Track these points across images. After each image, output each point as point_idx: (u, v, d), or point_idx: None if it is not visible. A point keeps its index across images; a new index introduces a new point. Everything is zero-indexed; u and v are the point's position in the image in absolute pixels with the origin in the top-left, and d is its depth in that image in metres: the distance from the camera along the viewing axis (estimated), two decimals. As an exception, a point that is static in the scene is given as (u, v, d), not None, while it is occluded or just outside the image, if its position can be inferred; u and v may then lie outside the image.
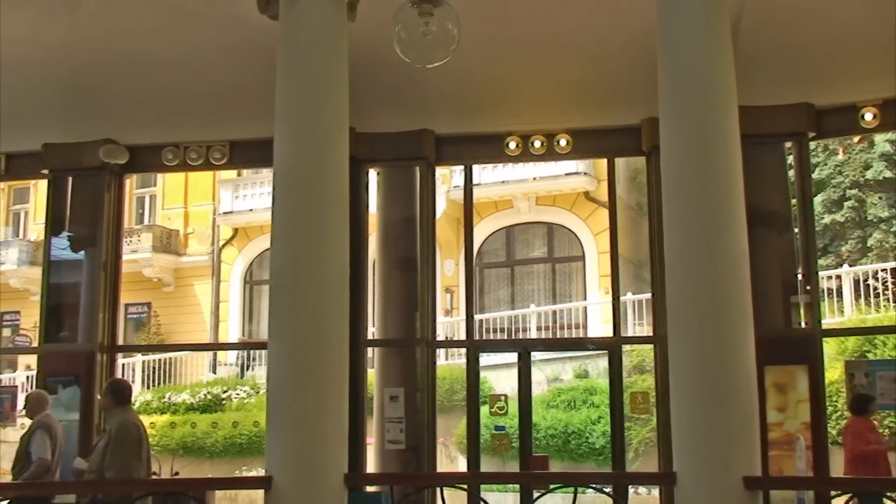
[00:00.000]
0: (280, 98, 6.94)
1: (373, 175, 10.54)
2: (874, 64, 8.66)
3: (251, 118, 8.70)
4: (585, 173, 21.59)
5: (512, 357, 11.17)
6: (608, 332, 11.13)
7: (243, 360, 22.98)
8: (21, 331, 24.33)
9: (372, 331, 10.78)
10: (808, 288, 9.25)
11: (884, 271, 17.97)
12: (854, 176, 21.64)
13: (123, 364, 20.62)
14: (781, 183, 9.55)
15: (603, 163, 12.99)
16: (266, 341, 6.90)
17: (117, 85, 9.76)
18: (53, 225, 10.52)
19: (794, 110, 9.20)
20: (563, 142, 9.95)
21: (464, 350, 10.62)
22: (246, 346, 23.52)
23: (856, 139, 20.38)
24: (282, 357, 6.65)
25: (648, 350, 12.57)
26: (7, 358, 24.18)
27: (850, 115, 9.23)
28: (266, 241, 17.16)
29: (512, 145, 10.00)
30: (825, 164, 21.87)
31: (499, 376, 16.48)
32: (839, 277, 18.29)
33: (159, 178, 25.61)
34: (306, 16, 7.00)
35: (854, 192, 21.58)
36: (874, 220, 21.41)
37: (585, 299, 21.76)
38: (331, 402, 6.56)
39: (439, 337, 12.67)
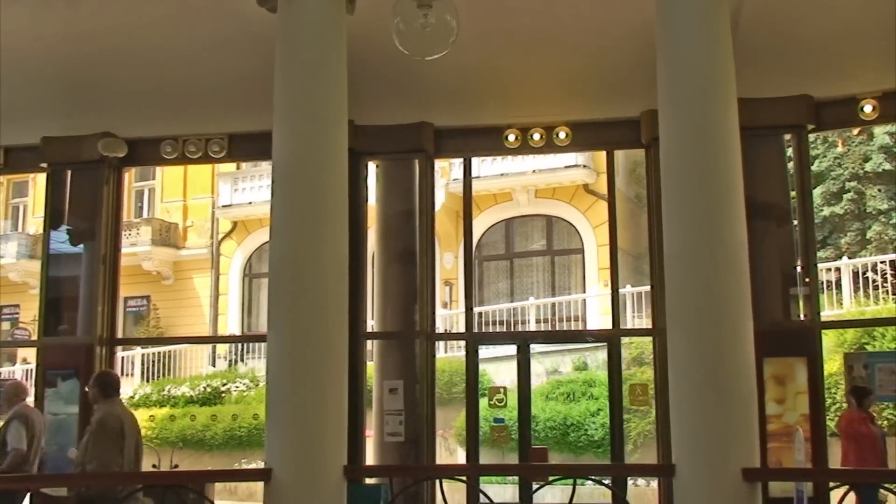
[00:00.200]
0: (279, 91, 6.94)
1: (372, 168, 10.54)
2: (873, 56, 8.65)
3: (250, 111, 8.68)
4: (584, 166, 21.57)
5: (511, 349, 11.17)
6: (607, 325, 11.13)
7: (233, 355, 22.95)
8: (20, 324, 24.35)
9: (371, 323, 10.79)
10: (807, 280, 9.26)
11: (883, 264, 17.96)
12: (853, 168, 21.62)
13: (123, 357, 20.68)
14: (781, 175, 9.55)
15: (602, 155, 13.01)
16: (265, 334, 6.91)
17: (116, 78, 9.75)
18: (52, 218, 10.51)
19: (794, 102, 9.20)
20: (563, 134, 9.95)
21: (463, 342, 10.63)
22: (245, 339, 23.54)
23: (855, 131, 20.35)
24: (281, 350, 6.65)
25: (647, 342, 12.60)
26: (7, 351, 24.20)
27: (850, 108, 9.23)
28: (265, 235, 17.15)
29: (511, 138, 10.00)
30: (824, 157, 21.85)
31: (498, 369, 16.47)
32: (838, 270, 18.29)
33: (158, 172, 25.63)
34: (305, 8, 6.99)
35: (853, 185, 21.57)
36: (873, 213, 21.41)
37: (584, 292, 21.76)
38: (330, 395, 6.57)
39: (438, 329, 12.67)
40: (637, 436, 15.78)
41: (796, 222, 9.50)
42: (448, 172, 20.62)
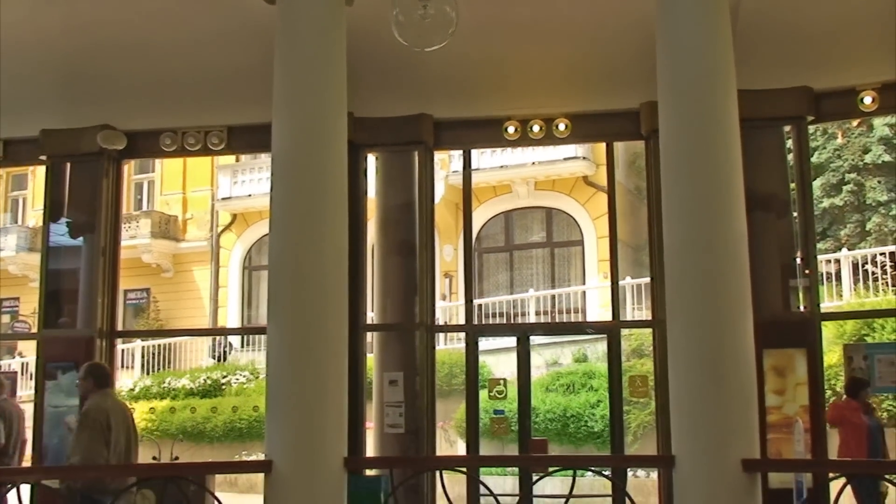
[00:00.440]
0: (278, 83, 6.92)
1: (371, 160, 10.53)
2: (873, 47, 8.63)
3: (249, 103, 8.66)
4: (584, 158, 21.57)
5: (511, 341, 11.18)
6: (607, 316, 11.18)
7: (222, 349, 22.95)
8: (20, 317, 24.37)
9: (371, 315, 10.80)
10: (807, 272, 9.26)
11: (882, 255, 17.99)
12: (853, 160, 21.63)
13: (123, 350, 20.73)
14: (780, 167, 9.53)
15: (602, 147, 13.02)
16: (265, 326, 6.91)
17: (115, 70, 9.72)
18: (52, 211, 10.50)
19: (793, 94, 9.18)
20: (562, 126, 9.93)
21: (463, 334, 10.63)
22: (245, 332, 23.56)
23: (855, 123, 20.36)
24: (281, 342, 6.65)
25: (647, 334, 12.63)
26: (7, 344, 24.23)
27: (850, 99, 9.21)
28: (265, 227, 17.16)
29: (511, 130, 9.99)
30: (824, 148, 21.85)
31: (498, 360, 16.51)
32: (838, 261, 18.31)
33: (157, 164, 25.63)
34: (304, 0, 6.98)
35: (853, 176, 21.58)
36: (873, 204, 21.42)
37: (584, 283, 21.78)
38: (330, 387, 6.57)
39: (438, 321, 12.67)
40: (637, 427, 15.81)
41: (796, 214, 9.49)
42: (447, 164, 20.63)
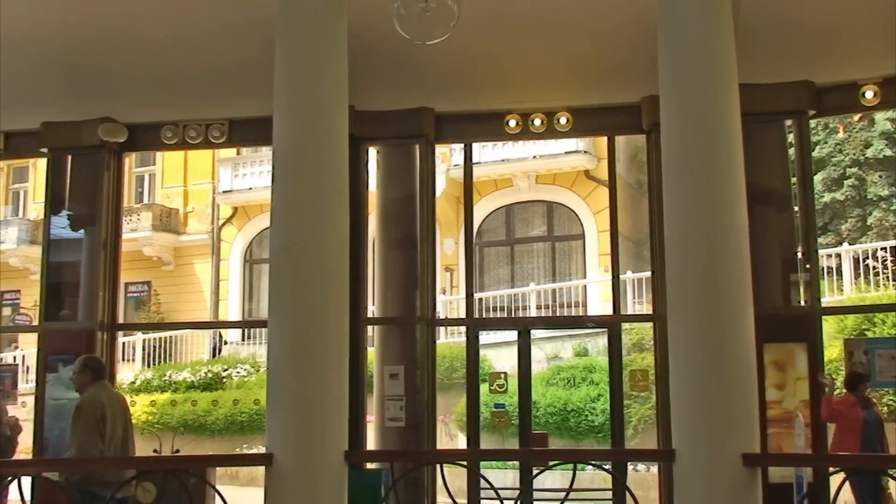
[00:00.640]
0: (279, 76, 6.91)
1: (372, 153, 10.52)
2: (875, 42, 8.62)
3: (250, 96, 8.67)
4: (585, 151, 21.55)
5: (511, 335, 11.19)
6: (608, 311, 11.17)
7: (216, 343, 22.95)
8: (21, 309, 24.38)
9: (372, 309, 10.80)
10: (808, 266, 9.27)
11: (883, 250, 17.95)
12: (854, 154, 21.58)
13: (124, 342, 20.73)
14: (781, 161, 9.53)
15: (603, 141, 12.97)
16: (266, 320, 6.91)
17: (116, 63, 9.72)
18: (53, 204, 10.51)
19: (795, 88, 9.18)
20: (563, 120, 9.93)
21: (463, 328, 10.65)
22: (246, 325, 23.57)
23: (856, 117, 20.31)
24: (282, 335, 6.65)
25: (648, 328, 12.62)
26: (8, 336, 24.24)
27: (851, 93, 9.22)
28: (266, 220, 17.17)
29: (512, 123, 9.99)
30: (825, 143, 21.81)
31: (498, 354, 16.51)
32: (839, 256, 18.29)
33: (158, 157, 25.61)
34: (305, -7, 6.96)
35: (854, 171, 21.53)
36: (874, 199, 21.38)
37: (585, 277, 21.77)
38: (331, 380, 6.57)
39: (439, 315, 12.68)
40: (637, 421, 15.82)
41: (797, 208, 9.49)
42: (449, 158, 20.60)
